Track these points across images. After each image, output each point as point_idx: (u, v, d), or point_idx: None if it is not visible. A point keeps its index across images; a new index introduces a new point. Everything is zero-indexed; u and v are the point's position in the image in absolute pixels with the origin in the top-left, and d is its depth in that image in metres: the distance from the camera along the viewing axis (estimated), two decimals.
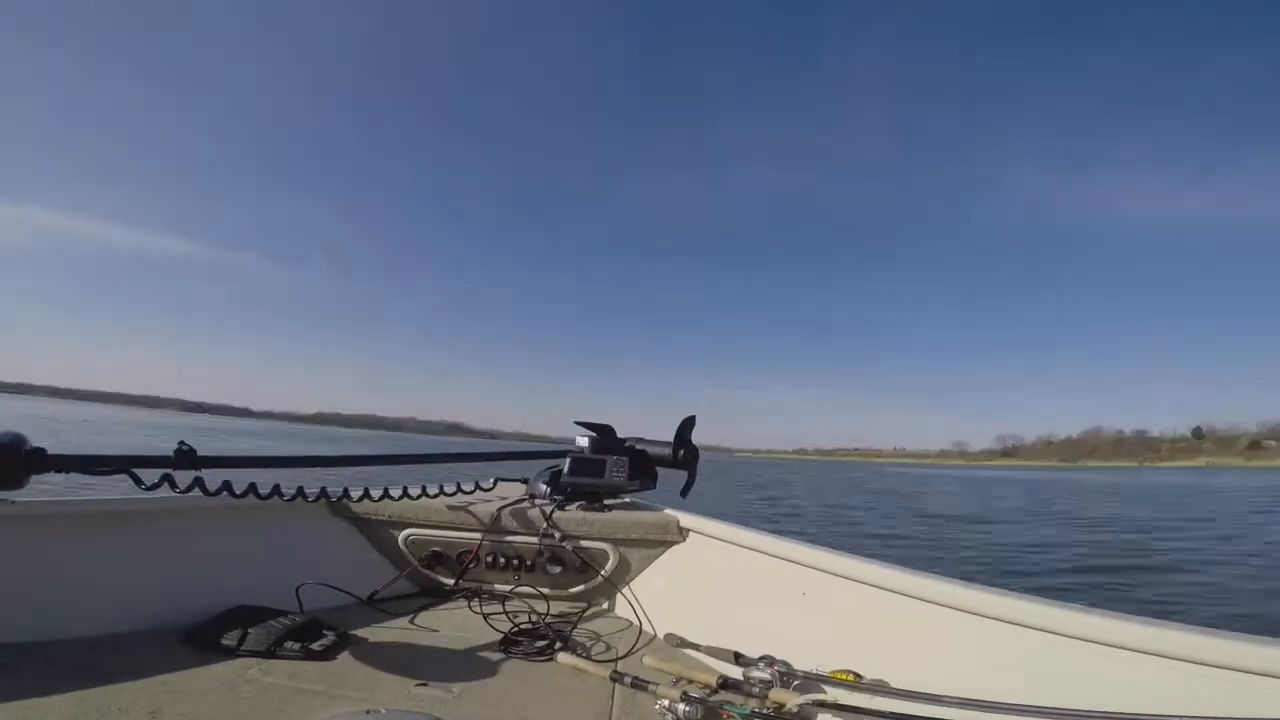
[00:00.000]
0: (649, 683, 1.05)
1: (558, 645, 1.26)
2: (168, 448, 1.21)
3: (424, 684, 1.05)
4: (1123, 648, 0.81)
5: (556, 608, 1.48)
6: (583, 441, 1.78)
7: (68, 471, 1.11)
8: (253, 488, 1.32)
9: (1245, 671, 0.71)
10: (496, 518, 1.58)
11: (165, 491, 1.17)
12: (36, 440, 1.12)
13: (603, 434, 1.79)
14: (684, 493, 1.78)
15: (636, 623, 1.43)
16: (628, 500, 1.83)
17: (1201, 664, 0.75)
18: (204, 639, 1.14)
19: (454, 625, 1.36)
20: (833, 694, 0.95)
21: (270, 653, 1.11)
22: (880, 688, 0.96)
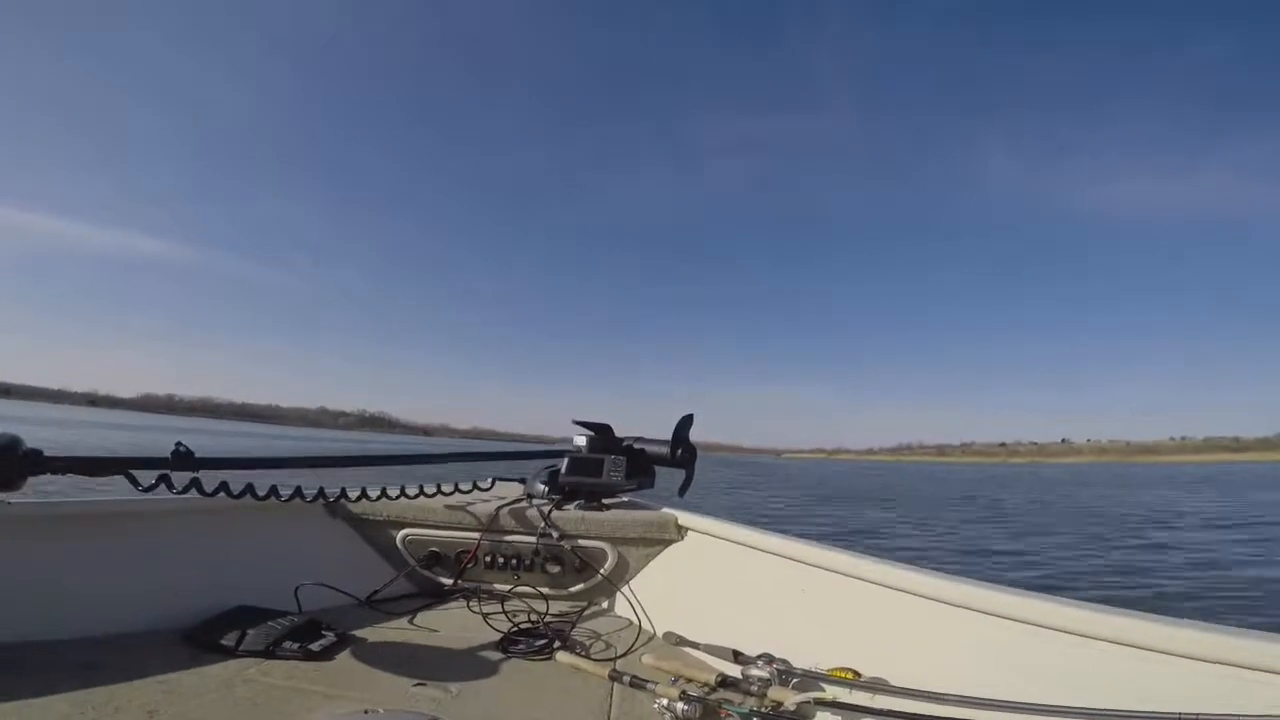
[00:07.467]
0: (648, 681, 1.05)
1: (556, 644, 1.26)
2: (165, 449, 1.21)
3: (422, 684, 1.04)
4: (1122, 643, 0.81)
5: (555, 607, 1.48)
6: (580, 441, 1.79)
7: (65, 473, 1.11)
8: (250, 488, 1.32)
9: (1248, 668, 0.72)
10: (494, 517, 1.58)
11: (162, 492, 1.17)
12: None
13: (600, 433, 1.79)
14: (681, 492, 1.78)
15: (635, 621, 1.43)
16: (626, 499, 1.84)
17: (1202, 660, 0.75)
18: (202, 639, 1.14)
19: (452, 625, 1.36)
20: (831, 692, 0.95)
21: (268, 653, 1.11)
22: (879, 685, 0.96)
